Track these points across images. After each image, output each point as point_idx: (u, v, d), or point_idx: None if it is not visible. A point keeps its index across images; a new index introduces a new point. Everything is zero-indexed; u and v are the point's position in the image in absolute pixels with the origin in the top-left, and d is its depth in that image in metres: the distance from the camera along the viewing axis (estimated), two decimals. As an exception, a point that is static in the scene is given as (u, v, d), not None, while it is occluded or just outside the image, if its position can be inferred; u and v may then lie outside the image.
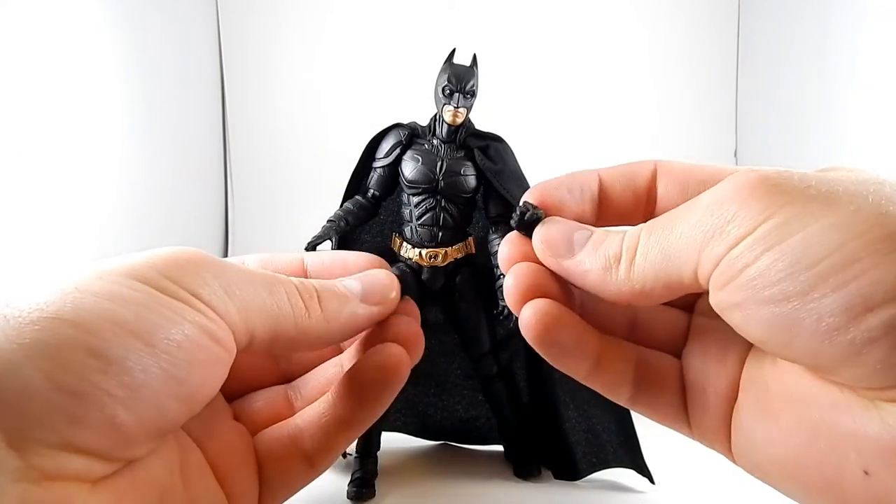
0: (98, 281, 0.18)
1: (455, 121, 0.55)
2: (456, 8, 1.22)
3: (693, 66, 1.28)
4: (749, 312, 0.17)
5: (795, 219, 0.16)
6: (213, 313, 0.20)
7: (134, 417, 0.17)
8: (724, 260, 0.18)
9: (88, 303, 0.17)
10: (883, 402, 0.16)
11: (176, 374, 0.18)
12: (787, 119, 1.16)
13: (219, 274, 0.21)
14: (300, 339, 0.23)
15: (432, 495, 0.58)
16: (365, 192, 0.60)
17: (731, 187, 0.18)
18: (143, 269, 0.19)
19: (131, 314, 0.17)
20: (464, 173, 0.57)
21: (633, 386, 0.24)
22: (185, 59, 1.13)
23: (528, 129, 0.97)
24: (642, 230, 0.21)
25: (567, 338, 0.23)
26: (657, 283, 0.20)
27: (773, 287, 0.16)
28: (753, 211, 0.17)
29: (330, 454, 0.25)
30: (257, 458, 0.25)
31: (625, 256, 0.20)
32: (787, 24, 1.15)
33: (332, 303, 0.24)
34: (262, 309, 0.21)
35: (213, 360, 0.19)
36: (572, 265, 0.22)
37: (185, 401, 0.19)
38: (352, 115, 1.17)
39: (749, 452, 0.21)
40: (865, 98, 0.97)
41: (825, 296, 0.16)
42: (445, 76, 0.55)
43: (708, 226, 0.18)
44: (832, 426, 0.17)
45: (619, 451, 0.60)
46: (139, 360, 0.17)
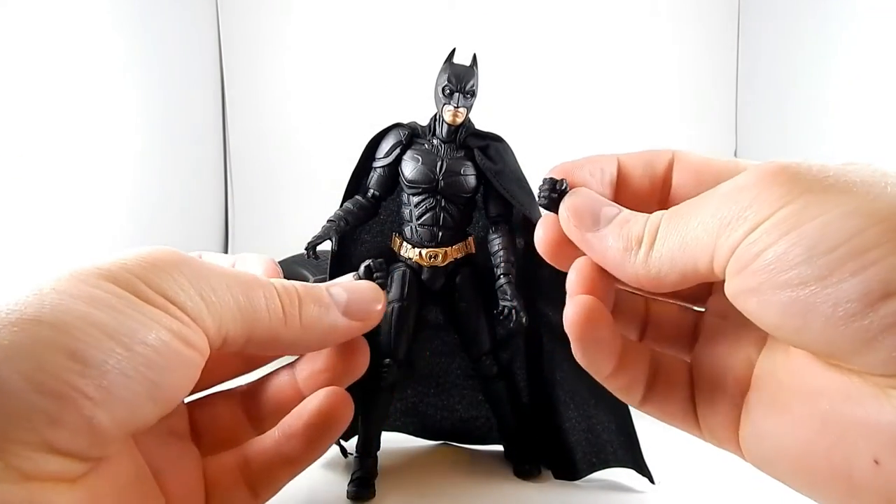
0: (75, 283, 0.18)
1: (455, 121, 0.55)
2: (456, 8, 1.22)
3: (693, 65, 1.28)
4: (765, 297, 0.17)
5: (814, 205, 0.16)
6: (186, 318, 0.20)
7: (110, 418, 0.17)
8: (742, 245, 0.18)
9: (67, 305, 0.17)
10: (894, 390, 0.16)
11: (152, 377, 0.19)
12: (787, 118, 1.16)
13: (193, 276, 0.21)
14: (274, 344, 0.23)
15: (432, 495, 0.58)
16: (365, 192, 0.60)
17: (750, 176, 0.18)
18: (118, 272, 0.19)
19: (108, 317, 0.18)
20: (464, 173, 0.57)
21: (646, 388, 0.24)
22: (185, 60, 1.13)
23: (528, 129, 0.97)
24: (663, 216, 0.21)
25: (605, 334, 0.23)
26: (672, 271, 0.20)
27: (789, 271, 0.16)
28: (772, 197, 0.17)
29: (274, 486, 0.26)
30: (205, 483, 0.25)
31: (646, 240, 0.21)
32: (788, 23, 1.15)
33: (313, 311, 0.24)
34: (237, 312, 0.22)
35: (187, 363, 0.20)
36: (595, 239, 0.22)
37: (159, 402, 0.19)
38: (352, 114, 1.17)
39: (758, 446, 0.21)
40: (866, 97, 0.97)
41: (843, 280, 0.16)
42: (445, 76, 0.55)
43: (725, 213, 0.18)
44: (842, 416, 0.17)
45: (619, 451, 0.60)
46: (117, 363, 0.17)
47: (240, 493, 0.25)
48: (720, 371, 0.23)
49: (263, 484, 0.25)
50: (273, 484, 0.25)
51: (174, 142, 1.08)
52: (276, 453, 0.25)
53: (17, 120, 0.71)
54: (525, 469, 0.61)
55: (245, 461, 0.25)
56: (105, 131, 0.89)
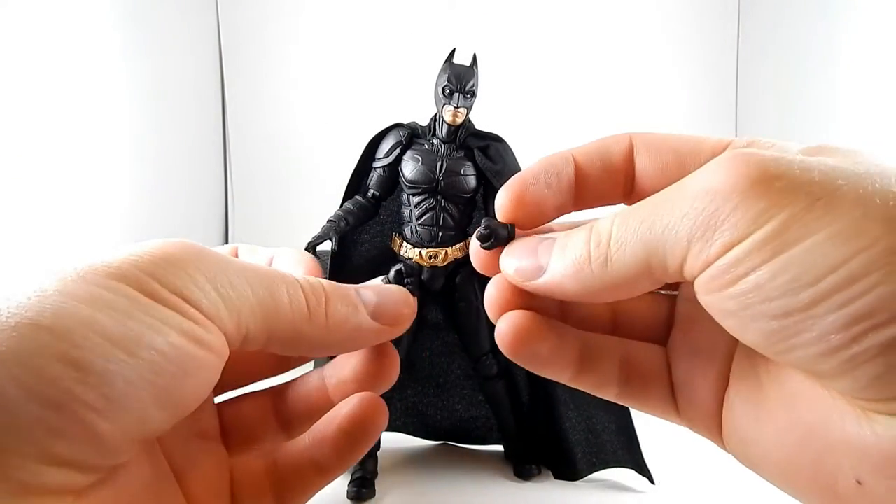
0: (80, 284, 0.17)
1: (455, 121, 0.55)
2: (456, 8, 1.22)
3: (693, 60, 1.28)
4: (743, 322, 0.17)
5: (798, 224, 0.15)
6: (201, 317, 0.19)
7: (116, 428, 0.17)
8: (716, 265, 0.16)
9: (69, 309, 0.16)
10: (875, 413, 0.16)
11: (160, 383, 0.17)
12: (787, 117, 1.16)
13: (210, 271, 0.20)
14: (298, 342, 0.22)
15: (432, 495, 0.58)
16: (365, 192, 0.60)
17: (724, 177, 0.16)
18: (128, 270, 0.18)
19: (112, 322, 0.17)
20: (464, 173, 0.57)
21: (621, 382, 0.23)
22: (185, 60, 1.13)
23: (528, 129, 0.97)
24: (614, 221, 0.19)
25: (543, 348, 0.22)
26: (639, 274, 0.19)
27: (771, 302, 0.16)
28: (751, 211, 0.16)
29: (302, 496, 0.25)
30: (231, 486, 0.24)
31: (594, 253, 0.19)
32: (788, 23, 1.15)
33: (340, 309, 0.22)
34: (257, 307, 0.20)
35: (201, 366, 0.19)
36: (547, 280, 0.21)
37: (171, 409, 0.18)
38: (352, 114, 1.17)
39: (741, 447, 0.20)
40: (866, 96, 0.97)
41: (829, 313, 0.15)
42: (445, 76, 0.55)
43: (698, 220, 0.17)
44: (825, 432, 0.17)
45: (619, 451, 0.60)
46: (120, 371, 0.16)
47: (267, 500, 0.24)
48: (696, 364, 0.22)
49: (291, 492, 0.24)
50: (301, 493, 0.24)
51: (174, 141, 1.08)
52: (306, 459, 0.24)
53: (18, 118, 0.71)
54: (525, 469, 0.61)
55: (274, 466, 0.25)
56: (105, 130, 0.89)
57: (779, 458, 0.18)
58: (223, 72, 1.22)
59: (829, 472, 0.17)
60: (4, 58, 0.70)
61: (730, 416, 0.21)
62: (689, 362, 0.22)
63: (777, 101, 1.19)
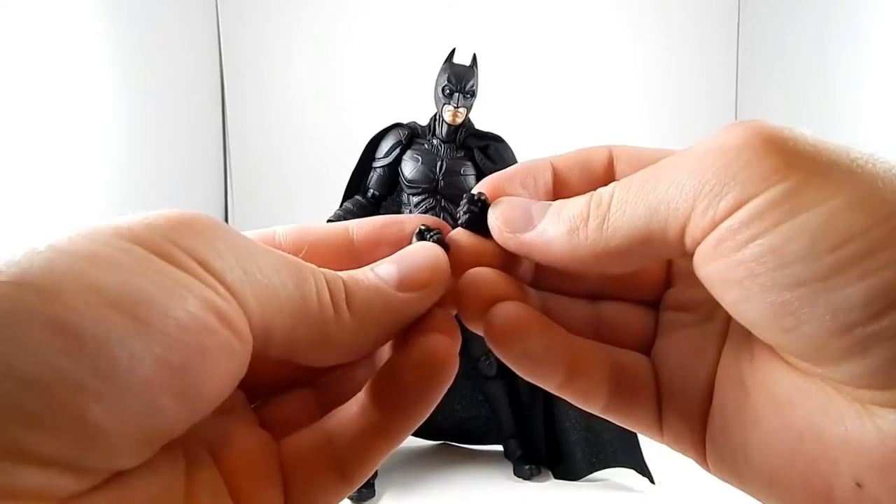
0: (80, 240, 0.14)
1: (455, 120, 0.55)
2: (456, 8, 1.22)
3: (693, 59, 1.28)
4: (749, 293, 0.15)
5: (814, 187, 0.14)
6: (224, 290, 0.15)
7: (114, 417, 0.13)
8: (725, 224, 0.15)
9: (61, 265, 0.13)
10: (878, 406, 0.14)
11: (175, 362, 0.14)
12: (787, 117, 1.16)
13: (237, 246, 0.16)
14: (325, 349, 0.19)
15: (432, 495, 0.58)
16: (365, 192, 0.60)
17: (736, 136, 0.15)
18: (141, 231, 0.15)
19: (115, 280, 0.13)
20: (463, 173, 0.57)
21: (610, 391, 0.21)
22: (185, 58, 1.13)
23: (528, 129, 0.97)
24: (616, 185, 0.18)
25: (537, 345, 0.20)
26: (636, 239, 0.17)
27: (784, 269, 0.14)
28: (764, 168, 0.14)
29: (366, 466, 0.20)
30: (282, 470, 0.20)
31: (594, 213, 0.18)
32: (788, 22, 1.15)
33: (362, 297, 0.19)
34: (286, 302, 0.17)
35: (223, 348, 0.15)
36: (534, 236, 0.19)
37: (186, 398, 0.14)
38: (352, 114, 1.17)
39: (726, 460, 0.19)
40: (867, 94, 0.97)
41: (848, 285, 0.13)
42: (445, 76, 0.55)
43: (706, 175, 0.15)
44: (820, 433, 0.15)
45: (619, 451, 0.60)
46: (124, 341, 0.13)
47: (326, 477, 0.20)
48: (683, 374, 0.20)
49: (353, 463, 0.20)
50: (366, 462, 0.20)
51: (174, 139, 1.08)
52: (366, 423, 0.20)
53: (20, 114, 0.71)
54: (525, 469, 0.61)
55: (327, 438, 0.20)
56: (105, 130, 0.89)
57: (769, 467, 0.17)
58: (223, 72, 1.22)
59: (825, 477, 0.15)
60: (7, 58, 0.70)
61: (713, 426, 0.19)
62: (675, 370, 0.21)
63: (777, 99, 1.19)
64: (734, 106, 1.29)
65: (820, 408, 0.16)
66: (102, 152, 0.89)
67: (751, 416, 0.18)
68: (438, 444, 0.69)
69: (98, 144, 0.88)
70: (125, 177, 0.94)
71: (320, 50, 1.21)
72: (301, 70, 1.22)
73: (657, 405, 0.21)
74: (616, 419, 0.22)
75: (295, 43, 1.22)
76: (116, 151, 0.92)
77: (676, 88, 1.28)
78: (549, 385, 0.21)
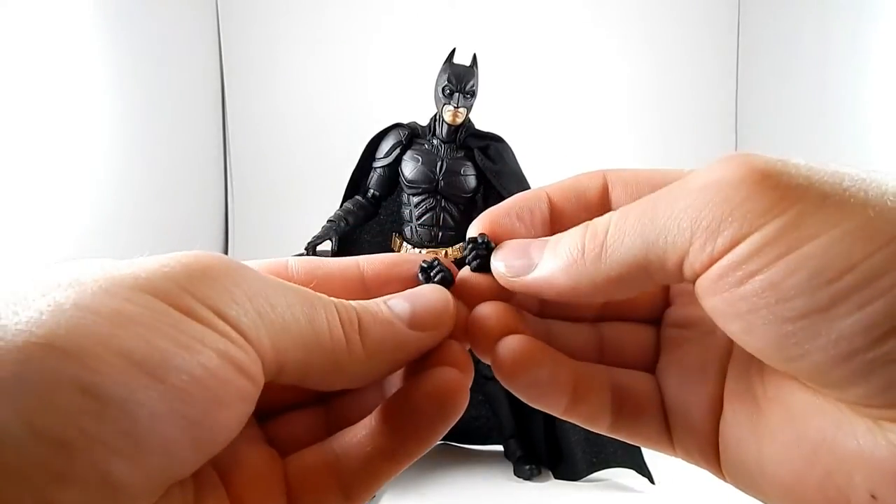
0: (103, 296, 0.15)
1: (455, 121, 0.55)
2: (456, 8, 1.22)
3: (693, 64, 1.28)
4: (752, 325, 0.15)
5: (810, 220, 0.14)
6: (240, 338, 0.16)
7: (136, 471, 0.14)
8: (725, 260, 0.15)
9: (87, 326, 0.14)
10: (888, 422, 0.15)
11: (192, 416, 0.15)
12: (787, 117, 1.16)
13: (250, 289, 0.17)
14: (335, 377, 0.19)
15: (432, 495, 0.58)
16: (365, 193, 0.60)
17: (731, 172, 0.16)
18: (160, 282, 0.16)
19: (138, 341, 0.14)
20: (464, 173, 0.57)
21: (614, 411, 0.22)
22: (185, 61, 1.13)
23: (528, 129, 0.97)
24: (613, 216, 0.18)
25: (543, 374, 0.21)
26: (634, 269, 0.17)
27: (786, 302, 0.15)
28: (760, 204, 0.15)
29: (370, 487, 0.21)
30: (287, 488, 0.21)
31: (590, 245, 0.18)
32: (788, 23, 1.15)
33: (375, 331, 0.20)
34: (299, 337, 0.18)
35: (238, 396, 0.16)
36: (536, 277, 0.20)
37: (202, 445, 0.16)
38: (352, 114, 1.17)
39: (742, 471, 0.19)
40: (866, 96, 0.97)
41: (849, 314, 0.14)
42: (445, 76, 0.56)
43: (703, 212, 0.16)
44: (834, 446, 0.16)
45: (619, 451, 0.61)
46: (145, 401, 0.14)
47: (330, 497, 0.21)
48: (689, 390, 0.21)
49: (358, 484, 0.21)
50: (370, 485, 0.21)
51: (174, 143, 1.08)
52: (374, 447, 0.21)
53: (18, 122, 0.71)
54: (525, 469, 0.61)
55: (335, 459, 0.21)
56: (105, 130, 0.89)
57: (784, 478, 0.17)
58: (223, 72, 1.22)
59: (840, 489, 0.16)
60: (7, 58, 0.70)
61: (727, 439, 0.20)
62: (680, 387, 0.21)
63: (777, 103, 1.19)
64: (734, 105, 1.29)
65: (832, 423, 0.16)
66: (103, 153, 0.89)
67: (765, 430, 0.18)
68: (438, 444, 0.69)
69: (98, 145, 0.88)
70: (125, 177, 0.94)
71: (320, 50, 1.22)
72: (301, 70, 1.23)
73: (664, 421, 0.22)
74: (623, 437, 0.22)
75: (295, 43, 1.22)
76: (117, 152, 0.92)
77: (676, 89, 1.28)
78: (554, 410, 0.22)
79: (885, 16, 0.92)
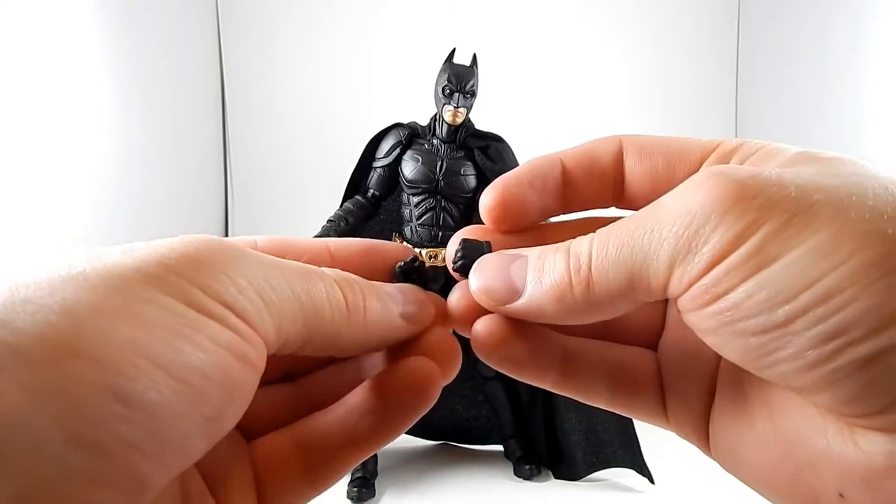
0: (115, 295, 0.15)
1: (455, 120, 0.55)
2: (456, 8, 1.22)
3: (693, 64, 1.28)
4: (723, 339, 0.17)
5: (775, 241, 0.16)
6: (246, 328, 0.16)
7: (161, 469, 0.15)
8: (697, 285, 0.17)
9: (111, 331, 0.14)
10: (858, 427, 0.16)
11: (208, 413, 0.15)
12: (787, 116, 1.16)
13: (251, 273, 0.17)
14: (333, 345, 0.20)
15: (432, 495, 0.58)
16: (365, 192, 0.60)
17: (702, 198, 0.17)
18: (165, 276, 0.16)
19: (160, 343, 0.15)
20: (464, 173, 0.57)
21: (610, 388, 0.23)
22: (185, 58, 1.13)
23: (528, 129, 0.97)
24: (592, 244, 0.19)
25: (520, 350, 0.21)
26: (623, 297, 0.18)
27: (749, 319, 0.16)
28: (729, 231, 0.16)
29: (336, 475, 0.22)
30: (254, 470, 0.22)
31: (576, 279, 0.19)
32: (788, 21, 1.15)
33: (376, 307, 0.21)
34: (299, 312, 0.18)
35: (243, 385, 0.16)
36: (524, 307, 0.20)
37: (212, 439, 0.16)
38: (352, 114, 1.17)
39: (726, 454, 0.20)
40: (866, 93, 0.97)
41: (805, 329, 0.15)
42: (445, 76, 0.56)
43: (679, 244, 0.17)
44: (807, 444, 0.17)
45: (619, 451, 0.60)
46: (171, 403, 0.14)
47: (296, 482, 0.21)
48: (687, 367, 0.22)
49: (324, 470, 0.22)
50: (335, 471, 0.22)
51: (174, 140, 1.08)
52: (341, 434, 0.22)
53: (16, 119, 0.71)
54: (525, 469, 0.61)
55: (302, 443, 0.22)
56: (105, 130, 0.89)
57: (761, 468, 0.18)
58: (223, 72, 1.22)
59: (812, 484, 0.17)
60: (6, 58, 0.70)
61: (715, 424, 0.21)
62: (679, 367, 0.22)
63: (777, 99, 1.19)
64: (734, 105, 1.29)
65: (806, 420, 0.17)
66: (103, 153, 0.89)
67: (746, 418, 0.19)
68: (438, 444, 0.69)
69: (98, 145, 0.88)
70: (126, 178, 0.94)
71: (320, 50, 1.22)
72: (301, 70, 1.23)
73: (661, 398, 0.22)
74: (621, 411, 0.23)
75: (295, 43, 1.22)
76: (117, 152, 0.92)
77: (676, 88, 1.28)
78: (544, 384, 0.22)
79: (885, 15, 0.92)
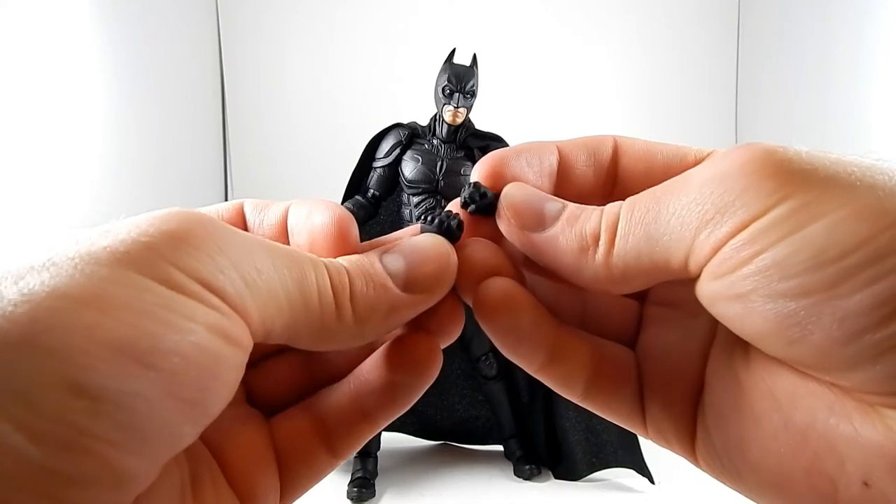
0: (80, 278, 0.14)
1: (455, 121, 0.55)
2: (456, 8, 1.22)
3: (693, 64, 1.28)
4: (754, 305, 0.15)
5: (815, 202, 0.14)
6: (227, 307, 0.15)
7: (141, 459, 0.14)
8: (729, 245, 0.15)
9: (68, 317, 0.13)
10: (887, 408, 0.15)
11: (188, 396, 0.14)
12: (787, 116, 1.16)
13: (235, 254, 0.16)
14: (323, 342, 0.19)
15: (432, 495, 0.58)
16: (365, 192, 0.60)
17: (733, 162, 0.16)
18: (139, 253, 0.15)
19: (125, 327, 0.13)
20: (464, 173, 0.57)
21: (588, 381, 0.21)
22: (185, 57, 1.13)
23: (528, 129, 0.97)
24: (622, 207, 0.18)
25: (525, 320, 0.20)
26: (639, 270, 0.17)
27: (790, 280, 0.14)
28: (764, 190, 0.15)
29: (354, 446, 0.21)
30: (276, 449, 0.21)
31: (605, 237, 0.18)
32: (788, 22, 1.15)
33: (367, 297, 0.19)
34: (286, 302, 0.17)
35: (229, 365, 0.15)
36: (543, 241, 0.19)
37: (199, 420, 0.15)
38: (352, 114, 1.17)
39: (721, 458, 0.19)
40: (867, 94, 0.97)
41: (855, 292, 0.14)
42: (445, 76, 0.56)
43: (707, 205, 0.16)
44: (826, 431, 0.16)
45: (619, 451, 0.60)
46: (139, 391, 0.13)
47: (318, 455, 0.21)
48: (668, 365, 0.20)
49: (343, 442, 0.21)
50: (354, 443, 0.21)
51: (174, 139, 1.08)
52: (353, 408, 0.21)
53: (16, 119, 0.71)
54: (525, 469, 0.61)
55: (319, 419, 0.21)
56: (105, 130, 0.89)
57: (769, 466, 0.17)
58: (223, 72, 1.22)
59: (830, 477, 0.15)
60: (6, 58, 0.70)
61: (706, 426, 0.19)
62: (659, 365, 0.21)
63: (777, 101, 1.19)
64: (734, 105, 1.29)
65: (825, 407, 0.16)
66: (103, 152, 0.89)
67: (748, 414, 0.18)
68: (438, 444, 0.69)
69: (99, 145, 0.88)
70: (126, 177, 0.94)
71: (320, 50, 1.21)
72: (301, 70, 1.22)
73: (639, 398, 0.21)
74: (594, 408, 0.22)
75: (295, 43, 1.22)
76: (117, 151, 0.92)
77: (676, 88, 1.28)
78: (529, 366, 0.21)
79: (885, 16, 0.92)
